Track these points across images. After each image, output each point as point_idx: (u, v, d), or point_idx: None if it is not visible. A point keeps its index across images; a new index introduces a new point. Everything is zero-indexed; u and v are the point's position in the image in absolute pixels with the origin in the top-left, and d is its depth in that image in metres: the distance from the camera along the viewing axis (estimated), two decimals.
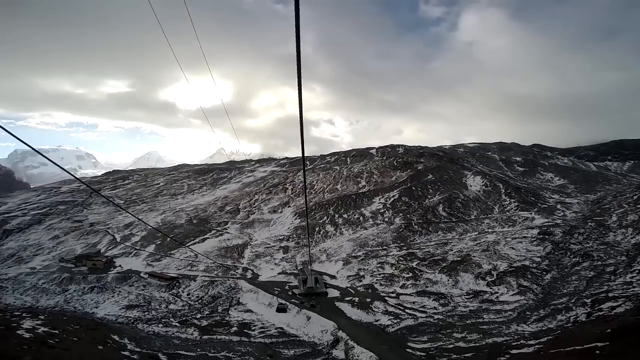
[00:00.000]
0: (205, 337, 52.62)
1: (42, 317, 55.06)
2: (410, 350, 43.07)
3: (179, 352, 42.74)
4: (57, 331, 44.93)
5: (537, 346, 38.03)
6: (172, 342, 49.10)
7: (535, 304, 55.62)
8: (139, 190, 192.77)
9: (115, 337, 46.69)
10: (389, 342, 47.07)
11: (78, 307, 69.81)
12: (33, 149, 14.55)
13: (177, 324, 58.10)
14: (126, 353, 40.39)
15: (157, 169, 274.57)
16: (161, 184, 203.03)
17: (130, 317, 63.58)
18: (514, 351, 37.50)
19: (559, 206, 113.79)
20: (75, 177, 20.07)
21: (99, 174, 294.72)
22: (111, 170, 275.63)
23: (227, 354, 43.17)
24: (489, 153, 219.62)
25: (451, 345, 43.37)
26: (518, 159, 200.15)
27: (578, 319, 46.48)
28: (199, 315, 62.47)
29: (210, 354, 42.89)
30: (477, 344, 42.77)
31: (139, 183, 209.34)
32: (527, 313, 52.09)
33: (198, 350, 44.70)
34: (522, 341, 40.86)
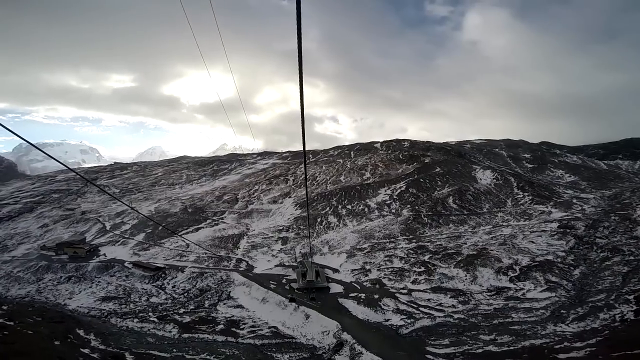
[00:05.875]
0: (185, 335, 45.35)
1: (5, 307, 48.70)
2: (431, 357, 35.79)
3: (150, 351, 35.84)
4: (12, 323, 38.23)
5: (587, 349, 31.20)
6: (145, 340, 42.06)
7: (569, 302, 48.88)
8: (137, 179, 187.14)
9: (80, 332, 39.94)
10: (403, 346, 39.76)
11: (50, 298, 62.99)
12: (30, 143, 14.20)
13: (155, 319, 50.87)
14: (86, 351, 33.52)
15: (158, 161, 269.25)
16: (159, 174, 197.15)
17: (105, 310, 56.52)
18: (561, 356, 30.56)
19: (575, 201, 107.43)
20: (68, 167, 19.71)
21: None
22: (112, 163, 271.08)
23: (208, 357, 36.07)
24: (497, 149, 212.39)
25: (480, 350, 36.17)
26: (526, 155, 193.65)
27: (625, 317, 40.48)
28: (181, 311, 55.22)
29: (187, 356, 35.86)
30: (512, 348, 35.65)
31: (137, 173, 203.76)
32: (563, 311, 45.25)
33: (174, 350, 37.66)
34: (565, 343, 33.95)
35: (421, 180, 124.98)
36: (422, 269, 65.81)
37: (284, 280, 66.68)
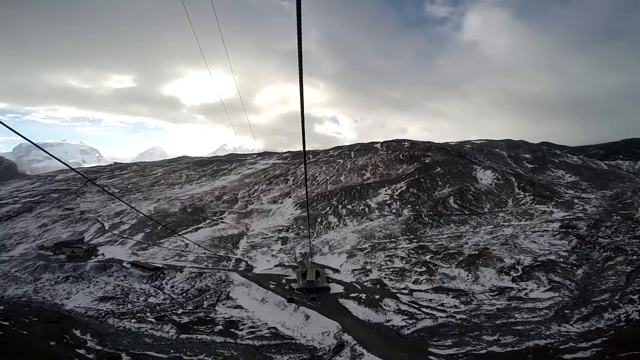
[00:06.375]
0: (183, 336, 44.64)
1: (1, 307, 48.07)
2: (434, 358, 35.11)
3: (147, 352, 35.18)
4: (7, 323, 37.59)
5: (594, 349, 30.60)
6: (142, 341, 41.36)
7: (572, 302, 48.28)
8: (136, 179, 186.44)
9: (77, 333, 39.30)
10: (405, 347, 39.02)
11: (47, 298, 62.23)
12: (32, 142, 14.33)
13: (153, 319, 50.16)
14: (82, 351, 32.89)
15: (157, 162, 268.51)
16: (159, 174, 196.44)
17: (102, 310, 55.76)
18: (566, 356, 29.93)
19: (576, 200, 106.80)
20: (71, 168, 19.64)
21: None
22: (112, 163, 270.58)
23: (206, 358, 35.39)
24: (497, 150, 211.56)
25: (483, 351, 35.48)
26: (527, 156, 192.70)
27: (630, 317, 39.98)
28: (180, 311, 54.47)
29: (185, 357, 35.21)
30: (516, 348, 35.01)
31: (137, 173, 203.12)
32: (567, 311, 44.66)
33: (172, 351, 36.96)
34: (570, 344, 33.31)
35: (422, 180, 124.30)
36: (424, 269, 65.13)
37: (283, 281, 65.92)
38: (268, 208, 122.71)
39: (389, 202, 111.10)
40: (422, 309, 50.99)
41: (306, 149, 13.34)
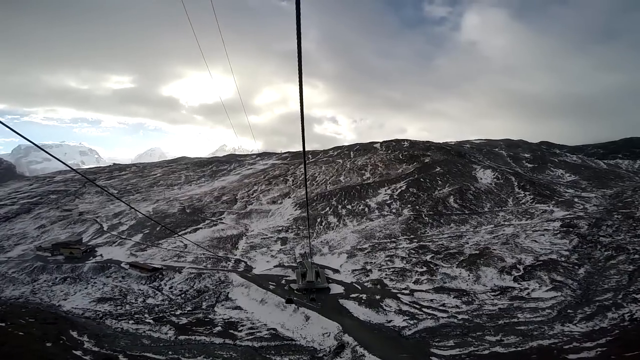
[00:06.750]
0: (182, 337, 44.02)
1: None
2: (436, 359, 34.61)
3: (145, 354, 34.67)
4: (3, 324, 37.13)
5: (598, 349, 30.18)
6: (140, 342, 40.81)
7: (575, 301, 47.78)
8: (135, 180, 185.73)
9: (73, 334, 38.78)
10: (406, 347, 38.44)
11: (44, 299, 61.64)
12: (33, 143, 14.12)
13: (151, 320, 49.60)
14: (78, 353, 32.41)
15: (156, 162, 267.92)
16: (158, 174, 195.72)
17: (100, 311, 55.21)
18: (571, 356, 29.52)
19: (576, 199, 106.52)
20: (72, 168, 19.93)
21: None
22: (111, 164, 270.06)
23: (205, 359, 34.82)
24: (496, 149, 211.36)
25: (486, 351, 34.96)
26: (526, 155, 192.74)
27: (634, 316, 39.53)
28: (178, 312, 53.92)
29: (183, 358, 34.69)
30: (519, 349, 34.53)
31: (136, 174, 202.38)
32: (570, 311, 44.18)
33: (170, 353, 36.43)
34: (574, 343, 32.88)
35: (421, 179, 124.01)
36: (424, 269, 64.67)
37: (283, 281, 65.33)
38: (267, 208, 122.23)
39: (388, 202, 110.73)
40: (424, 309, 50.43)
41: (306, 149, 13.28)
